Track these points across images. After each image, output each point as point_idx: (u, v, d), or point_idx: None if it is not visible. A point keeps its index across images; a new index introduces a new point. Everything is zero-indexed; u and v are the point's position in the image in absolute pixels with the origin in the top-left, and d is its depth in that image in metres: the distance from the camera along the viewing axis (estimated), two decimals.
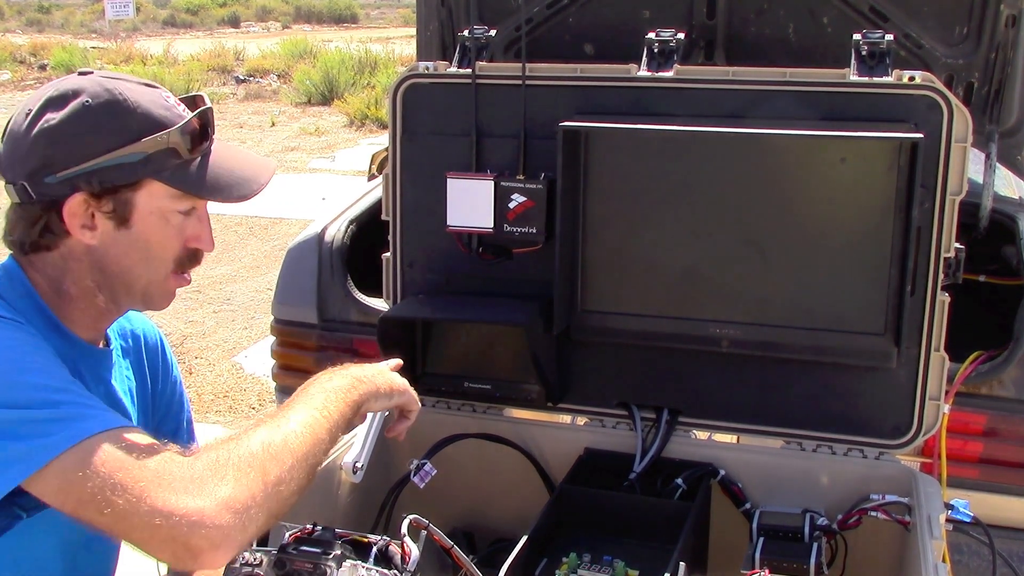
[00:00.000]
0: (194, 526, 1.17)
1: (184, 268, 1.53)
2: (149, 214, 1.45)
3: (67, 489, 1.22)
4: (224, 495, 1.20)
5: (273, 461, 1.27)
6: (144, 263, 1.49)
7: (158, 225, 1.46)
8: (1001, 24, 2.68)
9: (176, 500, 1.18)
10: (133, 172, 1.42)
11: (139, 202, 1.44)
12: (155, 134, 1.42)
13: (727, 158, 1.86)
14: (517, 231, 1.95)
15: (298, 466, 1.30)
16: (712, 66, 2.81)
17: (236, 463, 1.24)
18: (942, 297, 1.79)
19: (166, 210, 1.46)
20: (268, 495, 1.24)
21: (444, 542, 1.42)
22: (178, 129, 1.44)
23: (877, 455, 1.87)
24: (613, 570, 1.69)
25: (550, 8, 3.01)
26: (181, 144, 1.44)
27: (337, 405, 1.44)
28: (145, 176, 1.43)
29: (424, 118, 2.03)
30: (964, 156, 1.75)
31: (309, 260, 2.98)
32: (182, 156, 1.45)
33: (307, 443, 1.33)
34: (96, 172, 1.39)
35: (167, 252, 1.49)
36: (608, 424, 2.03)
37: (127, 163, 1.41)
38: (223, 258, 7.80)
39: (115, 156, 1.40)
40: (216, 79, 19.57)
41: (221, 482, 1.21)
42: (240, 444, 1.27)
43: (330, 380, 1.49)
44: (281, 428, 1.33)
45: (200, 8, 42.93)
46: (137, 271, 1.49)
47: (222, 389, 5.34)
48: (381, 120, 13.83)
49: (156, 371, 1.77)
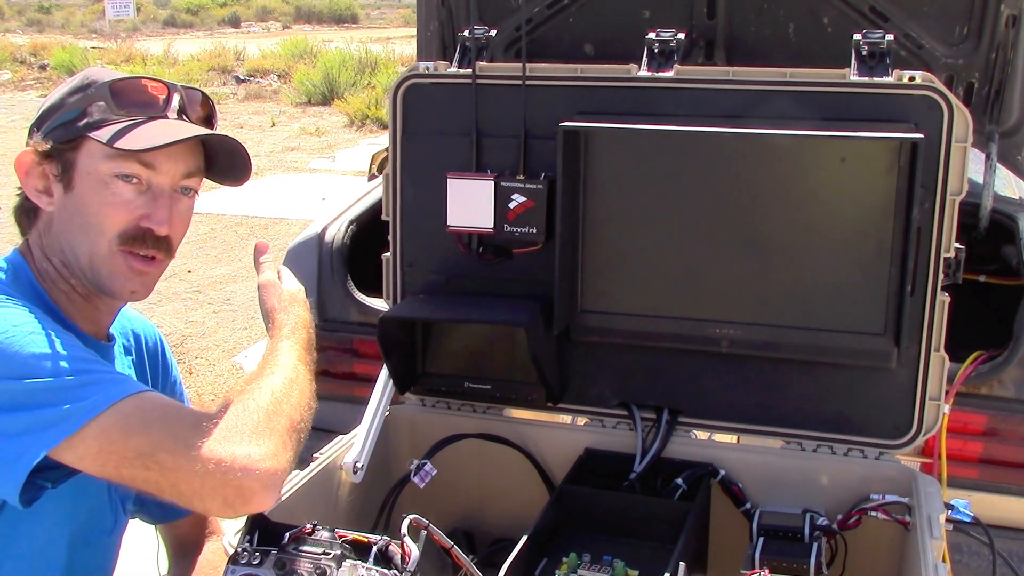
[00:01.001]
0: (246, 471, 1.24)
1: (134, 247, 1.49)
2: (87, 175, 1.46)
3: (109, 449, 1.26)
4: (264, 443, 1.28)
5: (294, 408, 1.37)
6: (83, 231, 1.48)
7: (95, 189, 1.46)
8: (1001, 24, 2.68)
9: (224, 448, 1.25)
10: (70, 129, 1.46)
11: (80, 163, 1.47)
12: (87, 89, 1.48)
13: (727, 158, 1.86)
14: (517, 231, 1.95)
15: (309, 413, 1.40)
16: (712, 66, 2.81)
17: (268, 413, 1.32)
18: (942, 297, 1.79)
19: (103, 173, 1.45)
20: (293, 440, 1.33)
21: (444, 542, 1.42)
22: (105, 84, 1.47)
23: (877, 455, 1.87)
24: (613, 570, 1.69)
25: (550, 8, 3.01)
26: (108, 99, 1.46)
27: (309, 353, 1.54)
28: (80, 133, 1.45)
29: (424, 118, 2.03)
30: (964, 156, 1.75)
31: (309, 260, 2.98)
32: (111, 113, 1.46)
33: (310, 391, 1.44)
34: (48, 133, 1.47)
35: (107, 221, 1.47)
36: (608, 424, 2.03)
37: (66, 120, 1.47)
38: (223, 258, 7.80)
39: (59, 114, 1.47)
40: (216, 79, 19.56)
41: (258, 430, 1.29)
42: (260, 395, 1.35)
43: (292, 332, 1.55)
44: (291, 379, 1.42)
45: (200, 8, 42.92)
46: (77, 241, 1.48)
47: (222, 389, 5.34)
48: (381, 120, 13.82)
49: (156, 372, 1.77)
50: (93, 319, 1.56)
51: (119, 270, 1.49)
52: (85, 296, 1.53)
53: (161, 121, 1.49)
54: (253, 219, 8.99)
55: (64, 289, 1.51)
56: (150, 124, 1.47)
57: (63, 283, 1.51)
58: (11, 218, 1.57)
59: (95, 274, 1.49)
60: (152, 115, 1.49)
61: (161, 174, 1.48)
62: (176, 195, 1.52)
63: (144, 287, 1.54)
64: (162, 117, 1.50)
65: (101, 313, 1.57)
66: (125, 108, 1.47)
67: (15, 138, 13.81)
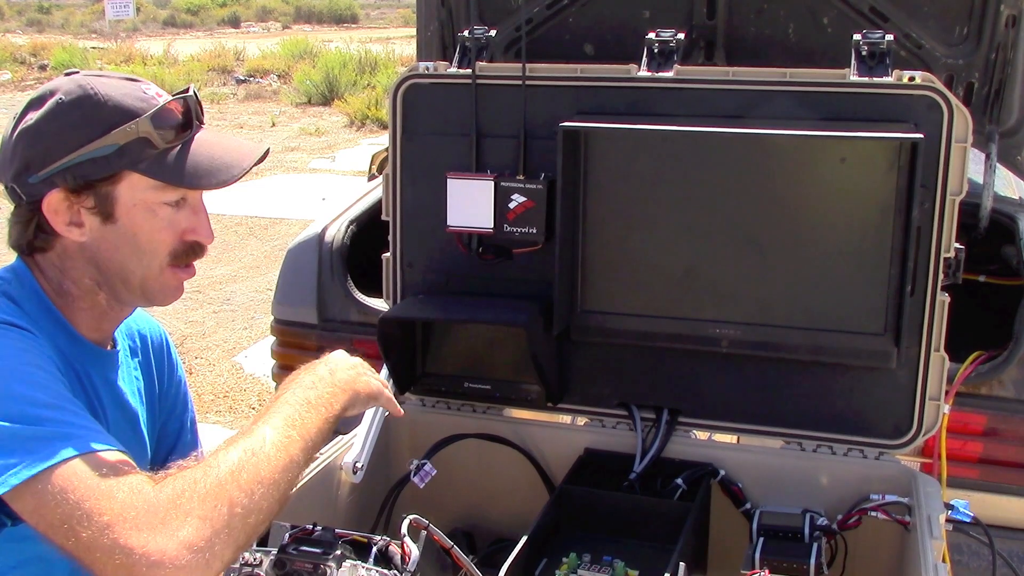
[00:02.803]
0: (153, 566, 1.15)
1: (182, 261, 1.50)
2: (133, 207, 1.44)
3: (40, 512, 1.21)
4: (187, 533, 1.17)
5: (242, 491, 1.22)
6: (136, 257, 1.47)
7: (144, 217, 1.45)
8: (1001, 24, 2.68)
9: (137, 538, 1.16)
10: (108, 165, 1.41)
11: (121, 195, 1.43)
12: (125, 124, 1.41)
13: (727, 158, 1.86)
14: (517, 231, 1.95)
15: (268, 494, 1.25)
16: (712, 66, 2.81)
17: (202, 495, 1.20)
18: (942, 297, 1.79)
19: (150, 202, 1.44)
20: (234, 528, 1.20)
21: (444, 542, 1.42)
22: (148, 117, 1.42)
23: (877, 455, 1.87)
24: (613, 570, 1.69)
25: (550, 8, 3.01)
26: (153, 133, 1.42)
27: (315, 421, 1.39)
28: (121, 168, 1.42)
29: (424, 118, 2.03)
30: (964, 156, 1.75)
31: (309, 260, 2.98)
32: (157, 145, 1.43)
33: (279, 467, 1.28)
34: (71, 168, 1.40)
35: (158, 245, 1.47)
36: (608, 424, 2.03)
37: (100, 156, 1.41)
38: (223, 258, 7.80)
39: (88, 150, 1.40)
40: (216, 79, 19.57)
41: (186, 518, 1.18)
42: (209, 472, 1.23)
43: (310, 389, 1.44)
44: (254, 451, 1.28)
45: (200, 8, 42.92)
46: (130, 266, 1.47)
47: (222, 389, 5.34)
48: (381, 120, 13.83)
49: (162, 371, 1.77)
50: (99, 328, 1.55)
51: (170, 285, 1.51)
52: (104, 308, 1.52)
53: (202, 144, 1.48)
54: (253, 219, 8.99)
55: (83, 306, 1.50)
56: (194, 151, 1.46)
57: (83, 301, 1.50)
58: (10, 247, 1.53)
59: (146, 291, 1.50)
60: (185, 137, 1.47)
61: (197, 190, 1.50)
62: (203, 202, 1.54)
63: (182, 290, 1.56)
64: (191, 136, 1.48)
65: (110, 321, 1.57)
66: (168, 136, 1.44)
67: None
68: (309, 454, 1.36)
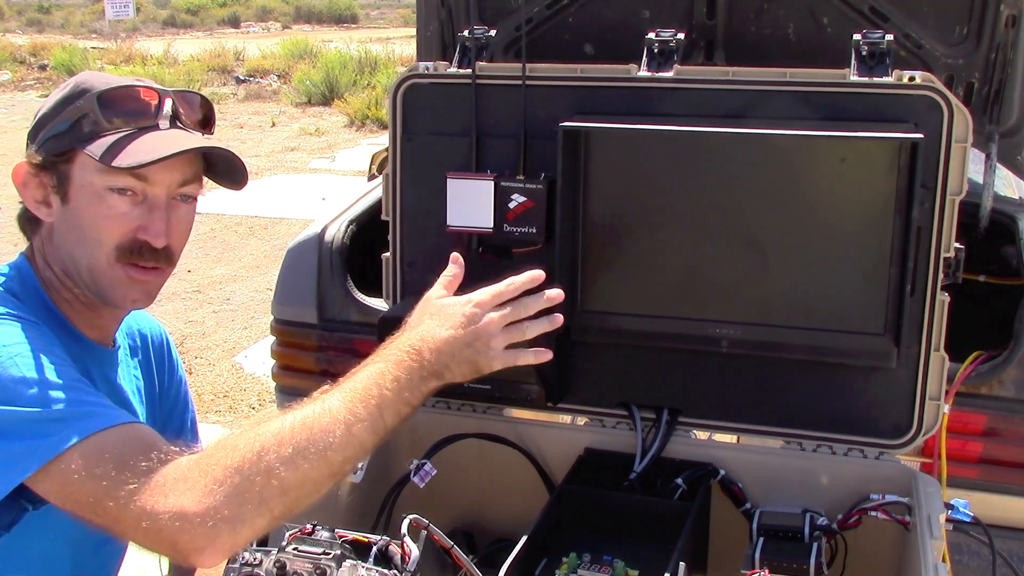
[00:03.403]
0: (178, 530, 1.16)
1: (128, 258, 1.47)
2: (81, 188, 1.45)
3: (66, 491, 1.22)
4: (213, 497, 1.17)
5: (282, 463, 1.21)
6: (80, 244, 1.46)
7: (90, 202, 1.45)
8: (1001, 24, 2.68)
9: (162, 502, 1.17)
10: (61, 141, 1.45)
11: (74, 176, 1.45)
12: (77, 101, 1.45)
13: (727, 158, 1.86)
14: (517, 231, 1.95)
15: (315, 469, 1.24)
16: (712, 66, 2.81)
17: (237, 463, 1.21)
18: (942, 297, 1.79)
19: (97, 186, 1.44)
20: (268, 499, 1.20)
21: (444, 542, 1.42)
22: (94, 95, 1.44)
23: (877, 455, 1.87)
24: (613, 570, 1.69)
25: (550, 8, 3.00)
26: (96, 110, 1.43)
27: (393, 401, 1.34)
28: (72, 145, 1.44)
29: (424, 118, 2.03)
30: (964, 156, 1.74)
31: (309, 260, 2.97)
32: (100, 124, 1.44)
33: (336, 444, 1.25)
34: (41, 144, 1.46)
35: (103, 234, 1.45)
36: (608, 424, 2.03)
37: (58, 132, 1.45)
38: (223, 258, 7.80)
39: (51, 126, 1.46)
40: (216, 79, 19.56)
41: (212, 484, 1.18)
42: (250, 440, 1.23)
43: (395, 363, 1.37)
44: (307, 424, 1.25)
45: (200, 8, 42.92)
46: (76, 253, 1.47)
47: (222, 389, 5.34)
48: (381, 120, 13.83)
49: (162, 371, 1.78)
50: (97, 325, 1.56)
51: (119, 281, 1.48)
52: (88, 304, 1.53)
53: (152, 134, 1.47)
54: (253, 219, 8.99)
55: (67, 297, 1.51)
56: (141, 138, 1.45)
57: (66, 291, 1.51)
58: (15, 224, 1.57)
59: (96, 285, 1.49)
60: (143, 124, 1.47)
61: (156, 185, 1.47)
62: (174, 203, 1.51)
63: (146, 295, 1.52)
64: (153, 127, 1.47)
65: (105, 320, 1.57)
66: (115, 118, 1.45)
67: (15, 138, 13.81)
68: (379, 436, 1.32)
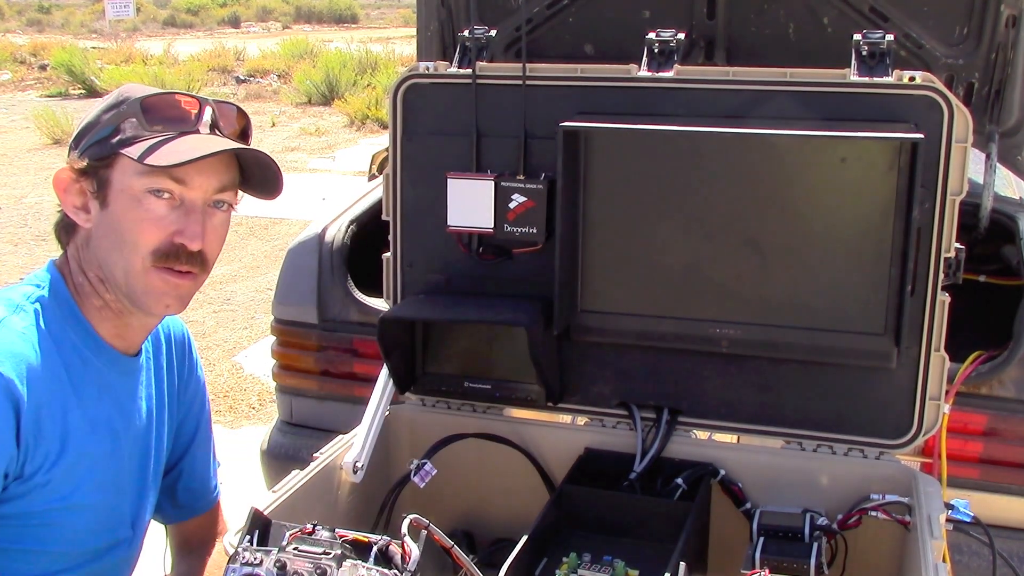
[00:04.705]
0: None
1: (164, 262, 1.48)
2: (121, 192, 1.46)
3: None
4: None
5: None
6: (117, 249, 1.47)
7: (129, 205, 1.46)
8: (1001, 24, 2.68)
9: None
10: (104, 147, 1.46)
11: (114, 180, 1.47)
12: (120, 106, 1.48)
13: (727, 158, 1.86)
14: (517, 231, 1.95)
15: None
16: (712, 66, 2.81)
17: None
18: (942, 297, 1.79)
19: (135, 189, 1.45)
20: None
21: (444, 542, 1.42)
22: (137, 99, 1.48)
23: (877, 455, 1.87)
24: (613, 570, 1.69)
25: (550, 8, 3.01)
26: (140, 115, 1.46)
27: None
28: (114, 150, 1.46)
29: (424, 118, 2.03)
30: (964, 156, 1.74)
31: (309, 260, 2.98)
32: (142, 129, 1.46)
33: None
34: (84, 151, 1.47)
35: (140, 238, 1.46)
36: (608, 424, 2.03)
37: (101, 137, 1.47)
38: (223, 258, 7.72)
39: (94, 132, 1.48)
40: (216, 79, 19.56)
41: None
42: None
43: None
44: None
45: (200, 8, 42.93)
46: (112, 257, 1.48)
47: (222, 389, 5.34)
48: (381, 120, 13.82)
49: (183, 368, 1.79)
50: (123, 335, 1.57)
51: (154, 286, 1.49)
52: (118, 312, 1.53)
53: (192, 136, 1.49)
54: (253, 219, 8.99)
55: (97, 304, 1.52)
56: (181, 139, 1.47)
57: (96, 298, 1.52)
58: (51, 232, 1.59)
59: (130, 290, 1.49)
60: (184, 130, 1.48)
61: (193, 189, 1.48)
62: (210, 209, 1.52)
63: (179, 301, 1.53)
64: (193, 132, 1.49)
65: (133, 330, 1.58)
66: (156, 124, 1.47)
67: (15, 138, 13.81)
68: None
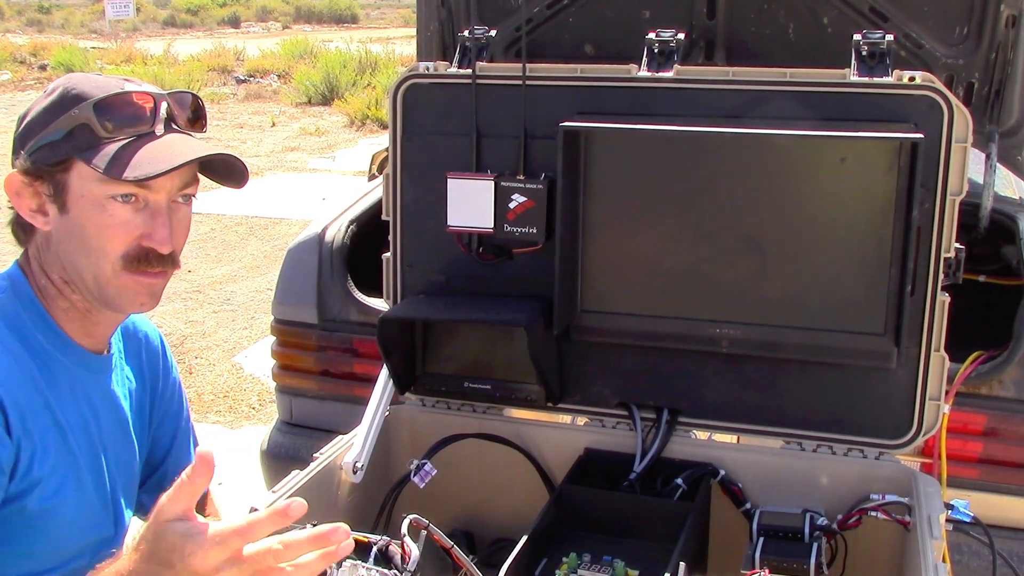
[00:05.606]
0: None
1: (136, 266, 1.46)
2: (81, 197, 1.43)
3: None
4: None
5: None
6: (84, 254, 1.44)
7: (93, 211, 1.42)
8: (1001, 24, 2.68)
9: None
10: (57, 150, 1.42)
11: (72, 185, 1.43)
12: (72, 109, 1.42)
13: (727, 158, 1.86)
14: (517, 231, 1.95)
15: None
16: (712, 66, 2.81)
17: None
18: (942, 297, 1.79)
19: (97, 195, 1.42)
20: None
21: (444, 542, 1.42)
22: (90, 104, 1.42)
23: (877, 455, 1.87)
24: (613, 570, 1.69)
25: (550, 8, 3.01)
26: (93, 119, 1.41)
27: None
28: (68, 154, 1.41)
29: (424, 118, 2.03)
30: (964, 156, 1.74)
31: (309, 260, 2.98)
32: (98, 133, 1.41)
33: None
34: (33, 153, 1.43)
35: (108, 243, 1.43)
36: (608, 424, 2.03)
37: (52, 141, 1.42)
38: (223, 258, 7.80)
39: (44, 135, 1.43)
40: (216, 79, 19.56)
41: None
42: None
43: None
44: None
45: (200, 8, 42.93)
46: (80, 263, 1.45)
47: (222, 389, 5.34)
48: (381, 120, 13.83)
49: (156, 373, 1.77)
50: (91, 333, 1.55)
51: (127, 287, 1.47)
52: (85, 312, 1.51)
53: (153, 143, 1.45)
54: (253, 219, 9.00)
55: (64, 306, 1.50)
56: (144, 147, 1.43)
57: (62, 300, 1.49)
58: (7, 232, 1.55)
59: (102, 293, 1.47)
60: (141, 131, 1.45)
61: (157, 191, 1.45)
62: (175, 205, 1.49)
63: (152, 299, 1.51)
64: (150, 134, 1.45)
65: (101, 327, 1.56)
66: (112, 126, 1.42)
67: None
68: None
